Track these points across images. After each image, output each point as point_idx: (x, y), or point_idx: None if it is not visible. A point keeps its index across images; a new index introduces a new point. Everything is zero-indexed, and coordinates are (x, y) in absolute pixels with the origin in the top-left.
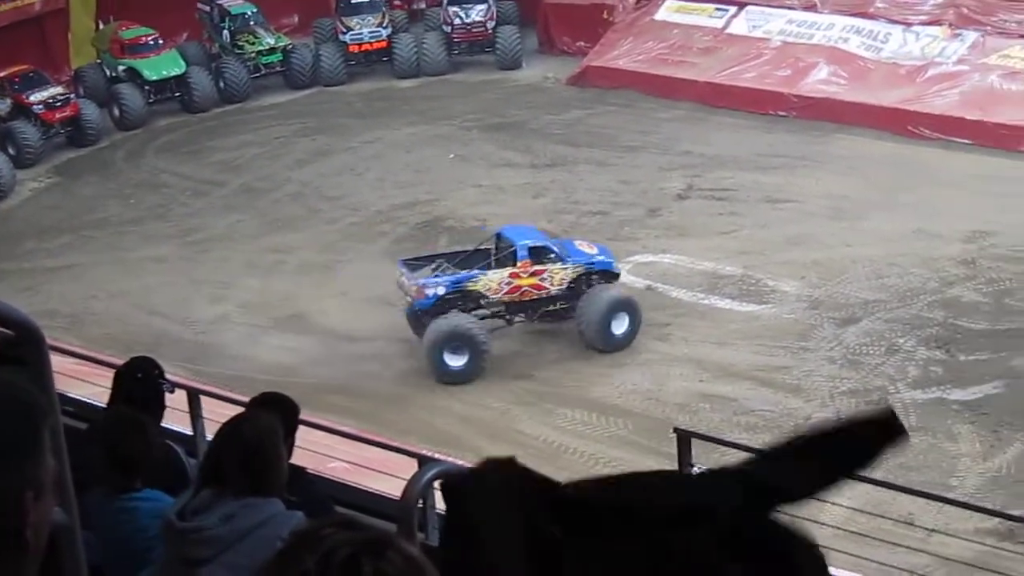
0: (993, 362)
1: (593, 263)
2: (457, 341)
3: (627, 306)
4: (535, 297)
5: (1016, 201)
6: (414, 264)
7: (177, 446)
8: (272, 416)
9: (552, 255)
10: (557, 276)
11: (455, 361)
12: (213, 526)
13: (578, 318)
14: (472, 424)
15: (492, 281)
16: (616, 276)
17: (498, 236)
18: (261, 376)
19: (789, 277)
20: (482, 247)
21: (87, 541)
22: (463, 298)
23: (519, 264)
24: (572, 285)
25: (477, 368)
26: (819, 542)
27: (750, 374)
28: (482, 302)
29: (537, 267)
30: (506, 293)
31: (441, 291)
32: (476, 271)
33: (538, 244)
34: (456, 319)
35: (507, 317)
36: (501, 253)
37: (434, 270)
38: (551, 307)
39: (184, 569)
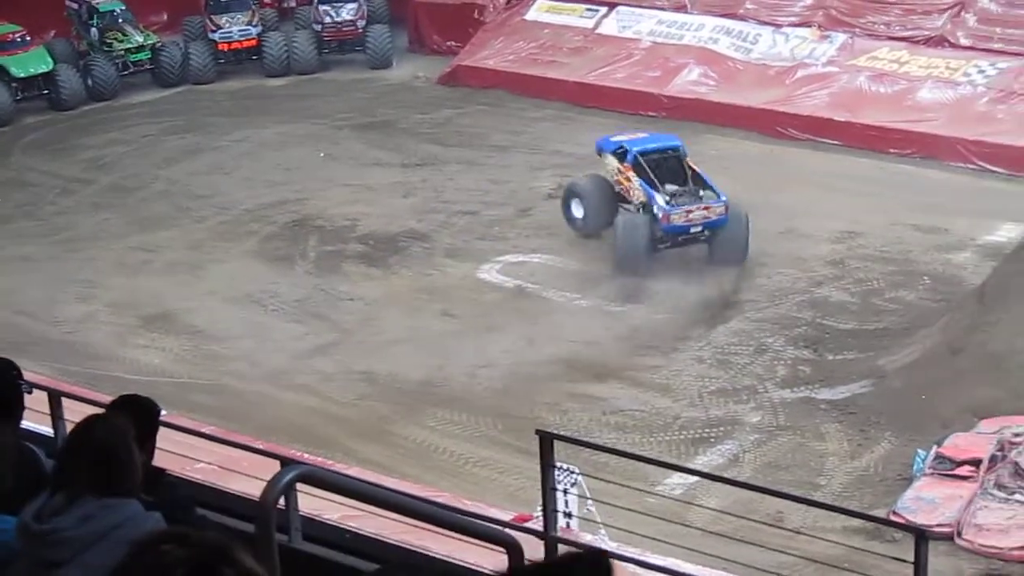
0: (860, 361)
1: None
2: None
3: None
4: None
5: (883, 202)
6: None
7: (37, 448)
8: (123, 416)
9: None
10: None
11: None
12: (69, 527)
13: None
14: (342, 424)
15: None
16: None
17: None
18: (128, 376)
19: (659, 277)
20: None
21: None
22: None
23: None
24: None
25: None
26: (685, 544)
27: (619, 374)
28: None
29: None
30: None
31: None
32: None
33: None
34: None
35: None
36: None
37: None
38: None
39: (41, 571)
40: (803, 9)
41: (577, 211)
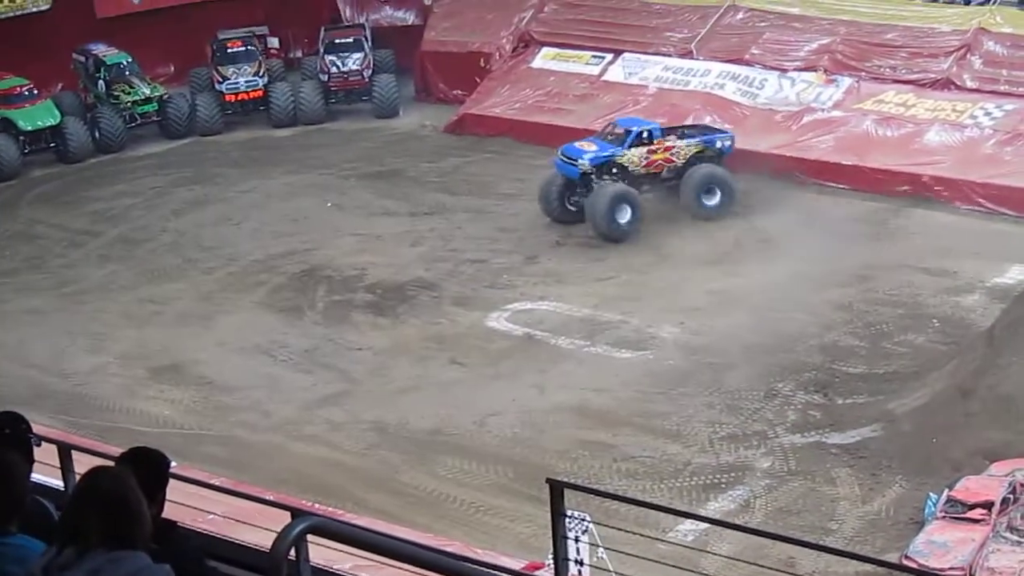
0: (870, 405)
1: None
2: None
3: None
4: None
5: (892, 245)
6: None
7: (47, 501)
8: (127, 468)
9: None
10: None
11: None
12: None
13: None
14: (352, 473)
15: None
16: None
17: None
18: (138, 427)
19: (667, 323)
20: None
21: None
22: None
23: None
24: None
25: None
26: None
27: (629, 420)
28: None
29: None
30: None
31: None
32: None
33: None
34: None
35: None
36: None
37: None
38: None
39: None
40: (809, 54)
41: (623, 216)
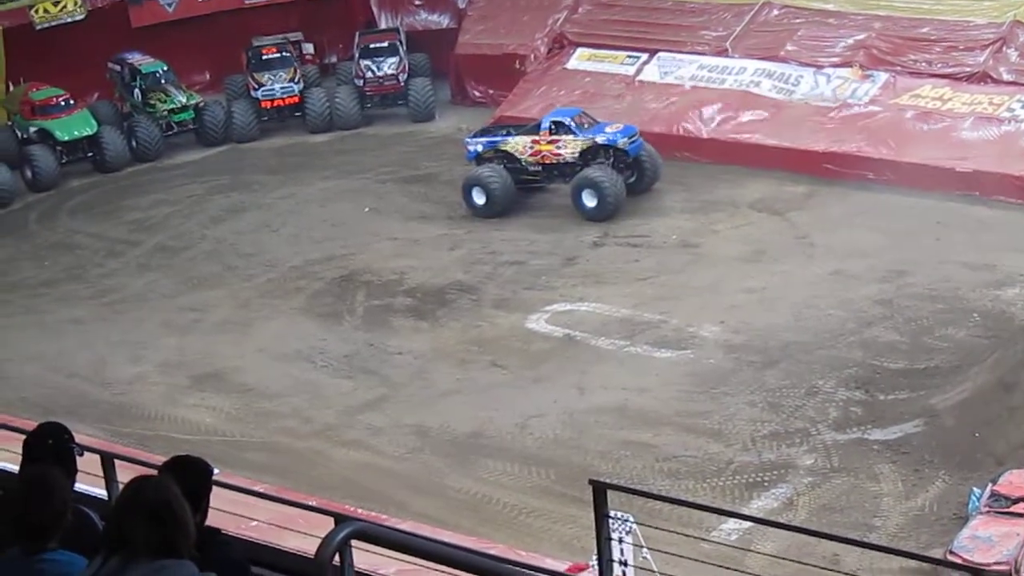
0: (912, 401)
1: (599, 139)
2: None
3: (593, 185)
4: (554, 161)
5: (930, 240)
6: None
7: (91, 511)
8: (170, 476)
9: (570, 129)
10: (570, 145)
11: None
12: None
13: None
14: (395, 478)
15: (519, 144)
16: (624, 152)
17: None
18: (180, 435)
19: (707, 322)
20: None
21: None
22: (498, 156)
23: (540, 133)
24: (586, 155)
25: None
26: None
27: (671, 420)
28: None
29: (554, 137)
30: (531, 154)
31: (480, 148)
32: (506, 135)
33: (558, 119)
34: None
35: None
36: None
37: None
38: (566, 172)
39: None
40: (844, 49)
41: (479, 199)
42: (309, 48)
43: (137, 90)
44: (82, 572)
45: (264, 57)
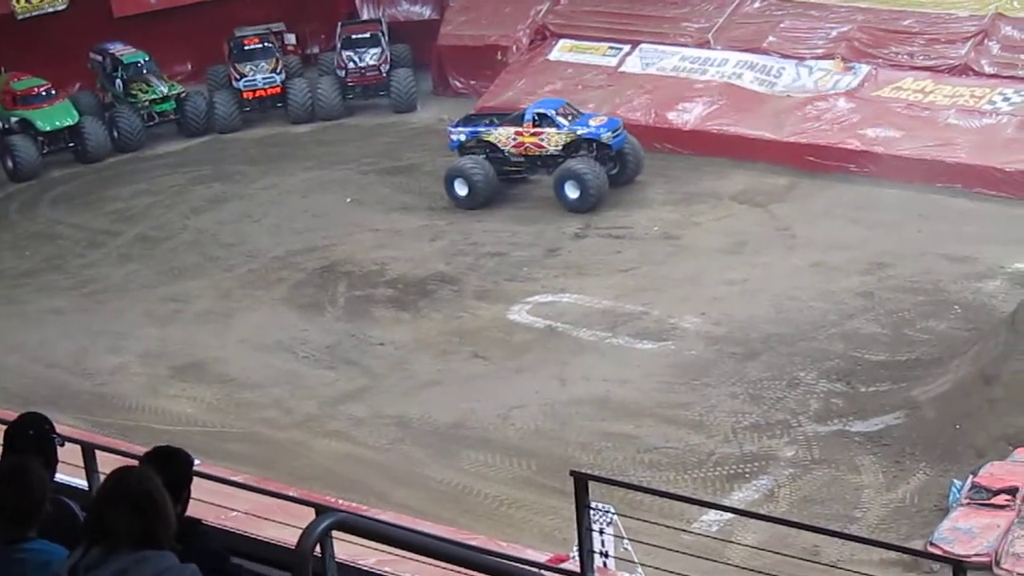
0: (893, 393)
1: (582, 133)
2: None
3: (575, 177)
4: (537, 153)
5: (912, 232)
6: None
7: (72, 501)
8: (152, 467)
9: (554, 121)
10: (553, 138)
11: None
12: None
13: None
14: (376, 468)
15: (502, 135)
16: (607, 146)
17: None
18: (161, 426)
19: (689, 313)
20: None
21: None
22: (481, 146)
23: (524, 124)
24: (569, 148)
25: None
26: None
27: (652, 411)
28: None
29: (537, 129)
30: (514, 146)
31: (463, 138)
32: (489, 125)
33: (542, 111)
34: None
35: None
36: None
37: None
38: (549, 164)
39: None
40: (826, 42)
41: (461, 190)
42: (291, 39)
43: (119, 80)
44: (63, 562)
45: (246, 48)
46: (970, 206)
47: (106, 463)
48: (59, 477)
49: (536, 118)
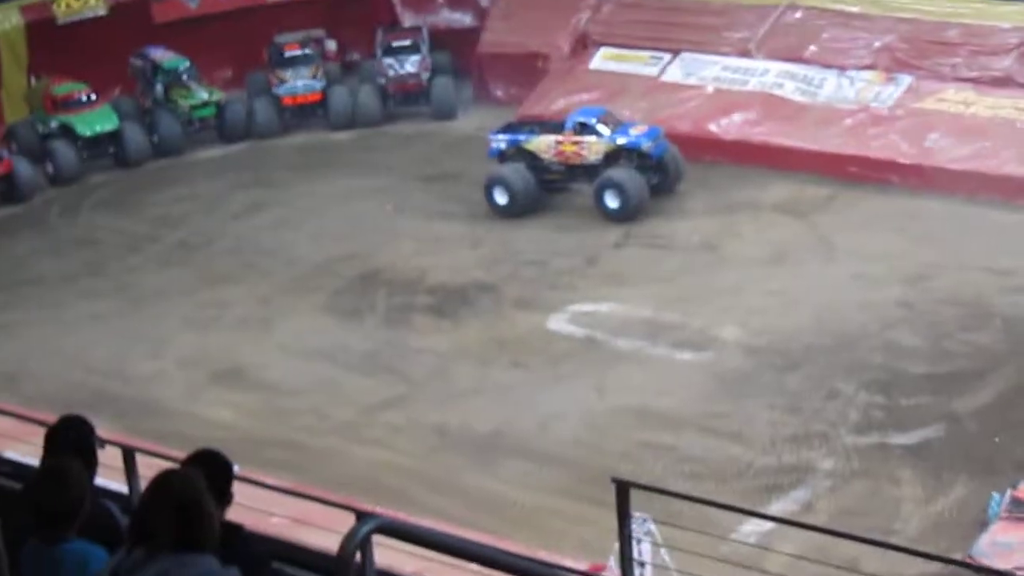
0: (933, 405)
1: (622, 142)
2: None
3: (616, 186)
4: (577, 163)
5: (953, 244)
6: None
7: (112, 504)
8: (197, 470)
9: (594, 129)
10: (594, 147)
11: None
12: None
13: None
14: (414, 476)
15: (543, 143)
16: (648, 155)
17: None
18: (199, 432)
19: (728, 324)
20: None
21: None
22: (521, 154)
23: (565, 133)
24: (610, 157)
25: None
26: None
27: (691, 422)
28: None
29: (577, 137)
30: (554, 154)
31: (503, 146)
32: (530, 133)
33: (583, 120)
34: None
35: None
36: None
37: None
38: (589, 174)
39: None
40: (868, 52)
41: (501, 198)
42: (332, 45)
43: (159, 85)
44: (106, 563)
45: (286, 54)
46: (1012, 218)
47: (146, 467)
48: (99, 480)
49: (577, 127)
